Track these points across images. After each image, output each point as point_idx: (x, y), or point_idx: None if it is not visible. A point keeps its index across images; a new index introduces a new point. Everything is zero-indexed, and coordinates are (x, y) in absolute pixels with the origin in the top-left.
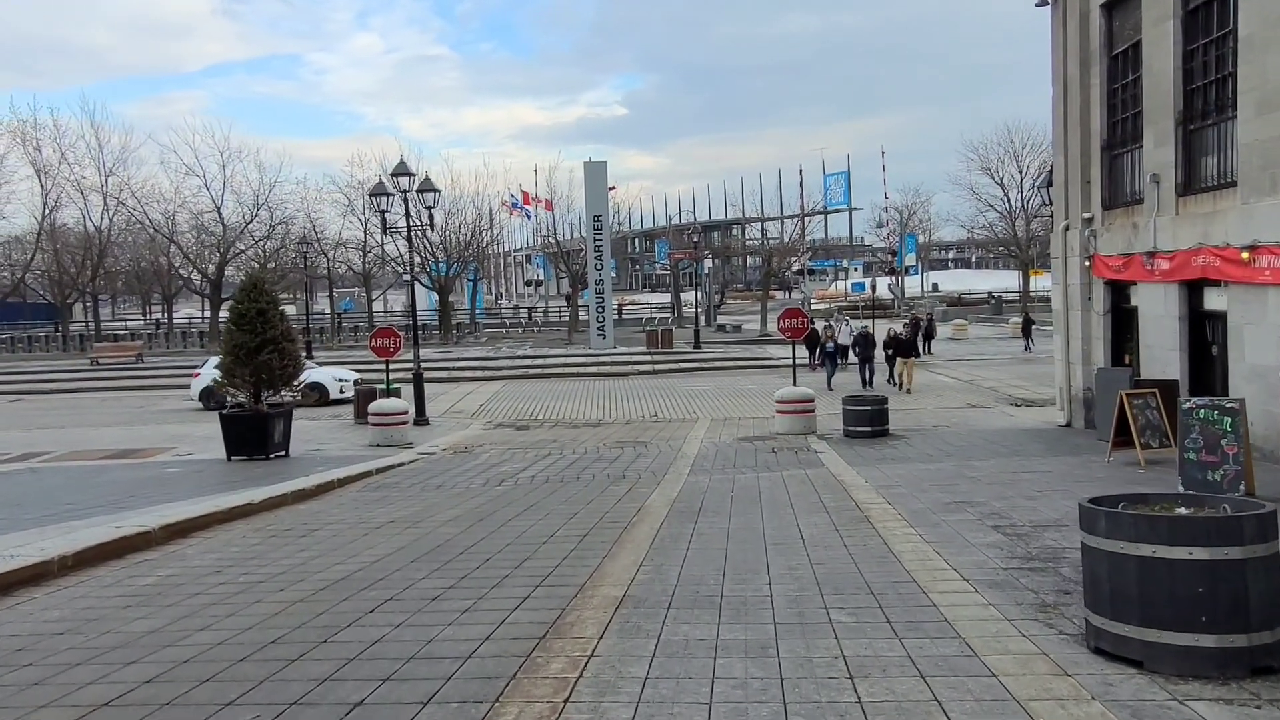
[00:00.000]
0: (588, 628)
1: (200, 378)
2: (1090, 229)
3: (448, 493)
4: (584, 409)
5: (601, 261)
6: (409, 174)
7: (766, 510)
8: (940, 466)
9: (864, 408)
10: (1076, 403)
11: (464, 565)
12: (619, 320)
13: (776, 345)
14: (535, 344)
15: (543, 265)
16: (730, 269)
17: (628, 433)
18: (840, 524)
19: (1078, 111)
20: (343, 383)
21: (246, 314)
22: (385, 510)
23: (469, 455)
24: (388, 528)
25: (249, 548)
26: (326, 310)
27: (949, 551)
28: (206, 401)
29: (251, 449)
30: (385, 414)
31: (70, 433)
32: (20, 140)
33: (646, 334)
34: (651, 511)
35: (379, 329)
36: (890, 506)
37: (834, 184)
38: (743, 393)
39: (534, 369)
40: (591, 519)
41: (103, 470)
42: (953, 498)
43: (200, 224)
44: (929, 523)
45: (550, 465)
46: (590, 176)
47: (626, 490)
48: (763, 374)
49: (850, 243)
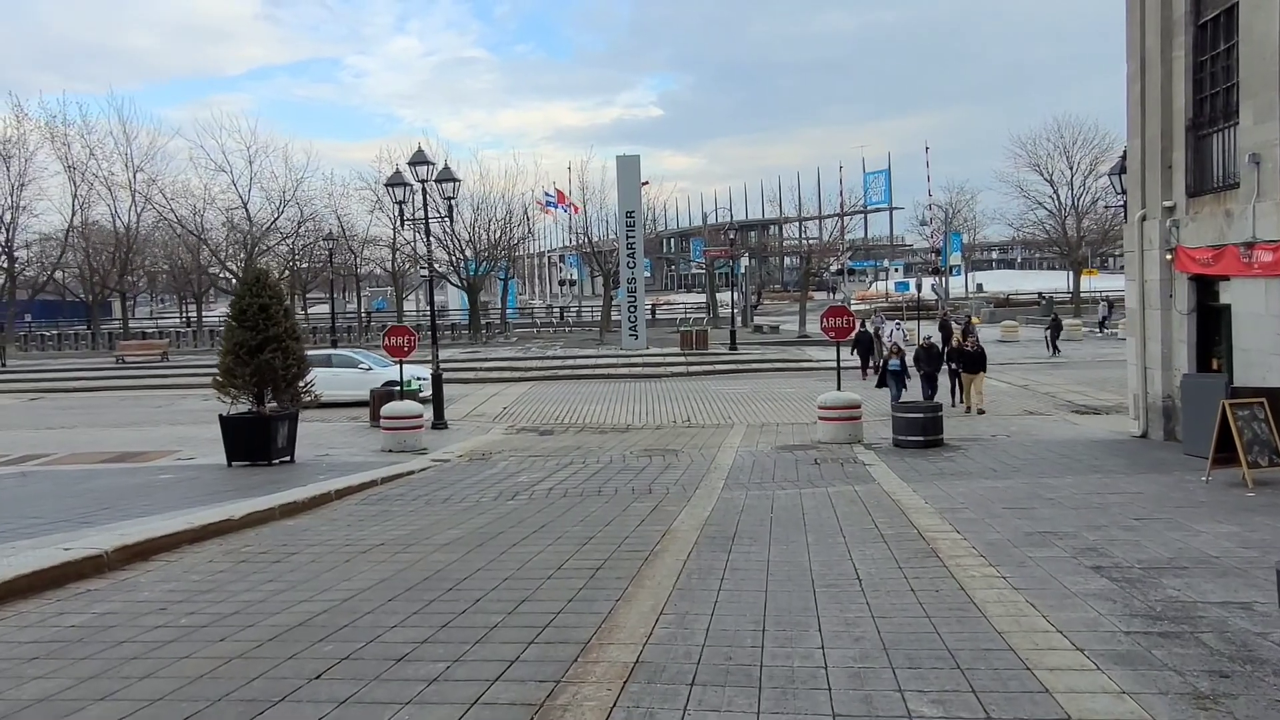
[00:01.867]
0: (585, 715)
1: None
2: (1172, 219)
3: (453, 508)
4: (612, 413)
5: (634, 259)
6: (427, 163)
7: (812, 537)
8: (1009, 484)
9: (915, 415)
10: (1154, 412)
11: (449, 607)
12: (653, 320)
13: (817, 347)
14: (566, 344)
15: (576, 264)
16: (767, 269)
17: (657, 439)
18: (903, 558)
19: (1157, 88)
20: (421, 381)
21: (248, 310)
22: (379, 529)
23: (485, 463)
24: (376, 552)
25: (210, 576)
26: (360, 309)
27: (1047, 604)
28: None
29: (254, 454)
30: (398, 417)
31: (79, 433)
32: (49, 136)
33: (680, 334)
34: (678, 537)
35: (393, 327)
36: (960, 536)
37: (874, 182)
38: (781, 397)
39: (563, 370)
40: (608, 545)
41: (93, 476)
42: (1033, 525)
43: (230, 221)
44: (1012, 560)
45: (570, 476)
46: (623, 171)
47: (652, 508)
48: (802, 377)
49: (891, 242)
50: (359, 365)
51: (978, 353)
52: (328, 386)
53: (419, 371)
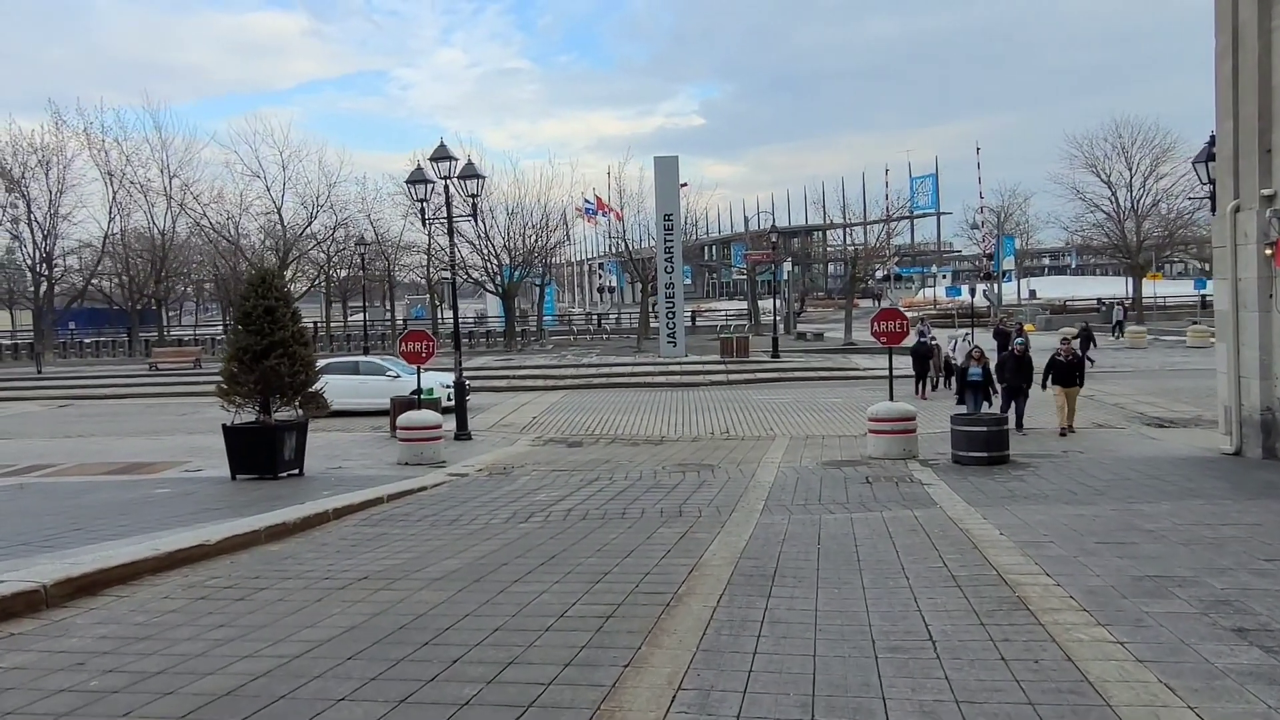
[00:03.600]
0: None
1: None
2: (1272, 209)
3: (459, 531)
4: (646, 423)
5: (672, 264)
6: (449, 158)
7: (868, 577)
8: (1095, 511)
9: (978, 428)
10: (1250, 426)
11: (416, 671)
12: (693, 328)
13: (864, 355)
14: (602, 352)
15: (616, 271)
16: (811, 276)
17: (693, 453)
18: (984, 610)
19: (1254, 64)
20: (448, 389)
21: (252, 312)
22: (370, 556)
23: (505, 478)
24: (355, 588)
25: (157, 618)
26: (397, 316)
27: (1189, 686)
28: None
29: (259, 467)
30: (415, 428)
31: (95, 442)
32: (86, 142)
33: (720, 341)
34: (708, 573)
35: (410, 331)
36: (1051, 580)
37: (921, 187)
38: (826, 407)
39: (598, 378)
40: (625, 584)
41: (90, 489)
42: (1140, 567)
43: (264, 227)
44: (1125, 617)
45: (594, 495)
46: (661, 172)
47: (680, 535)
48: (848, 386)
49: (938, 248)
50: (386, 373)
51: (1070, 362)
52: (354, 395)
53: (445, 378)
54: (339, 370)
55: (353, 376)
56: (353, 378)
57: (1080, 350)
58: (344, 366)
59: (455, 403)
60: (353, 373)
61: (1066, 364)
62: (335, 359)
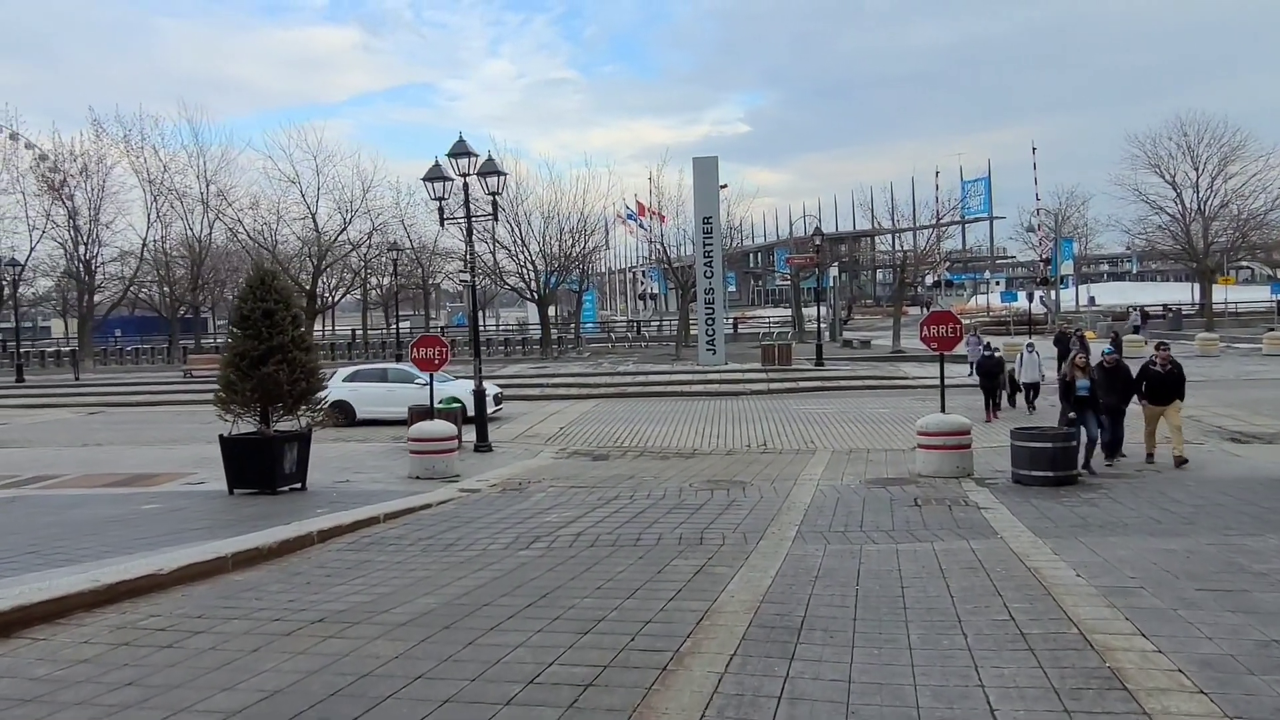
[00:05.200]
0: None
1: (328, 392)
2: None
3: (451, 559)
4: (679, 435)
5: (712, 268)
6: (469, 154)
7: (917, 632)
8: (1188, 546)
9: (1042, 444)
10: None
11: None
12: (734, 335)
13: (913, 363)
14: (640, 359)
15: (658, 278)
16: (858, 283)
17: (725, 467)
18: (1067, 689)
19: None
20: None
21: (250, 315)
22: (339, 591)
23: (518, 495)
24: (304, 635)
25: (57, 672)
26: (439, 323)
27: None
28: (335, 418)
29: (257, 480)
30: (427, 439)
31: (108, 451)
32: (126, 149)
33: (762, 349)
34: (721, 623)
35: (422, 336)
36: (1150, 645)
37: (972, 191)
38: (872, 418)
39: (633, 387)
40: (619, 635)
41: (81, 503)
42: (1263, 626)
43: (300, 234)
44: (1261, 706)
45: (609, 516)
46: (699, 174)
47: (696, 569)
48: (896, 396)
49: (991, 254)
50: (415, 380)
51: (1168, 373)
52: (382, 403)
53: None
54: (366, 378)
55: (380, 384)
56: (380, 385)
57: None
58: (372, 374)
59: (475, 412)
60: (380, 380)
61: (1164, 375)
62: (363, 366)
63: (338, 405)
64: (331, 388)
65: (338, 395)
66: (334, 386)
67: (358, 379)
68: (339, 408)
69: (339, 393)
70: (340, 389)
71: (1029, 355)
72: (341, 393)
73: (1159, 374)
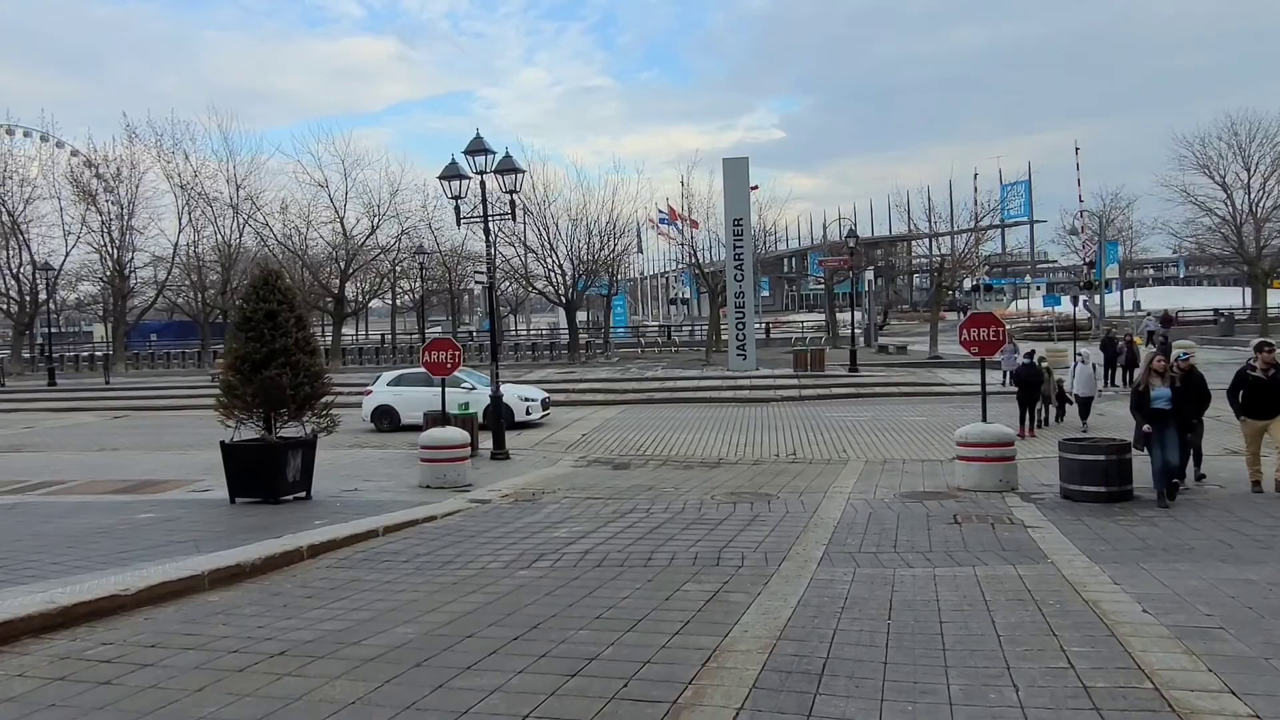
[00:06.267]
0: None
1: (372, 395)
2: None
3: (446, 579)
4: (705, 443)
5: (742, 271)
6: (487, 151)
7: (958, 682)
8: (1270, 575)
9: (1094, 457)
10: None
11: None
12: (766, 341)
13: (951, 369)
14: (669, 365)
15: (689, 283)
16: (895, 288)
17: (751, 478)
18: None
19: None
20: (529, 402)
21: (253, 317)
22: (314, 616)
23: (530, 507)
24: (257, 672)
25: None
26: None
27: None
28: (380, 423)
29: (259, 489)
30: (437, 447)
31: (122, 456)
32: (159, 155)
33: (794, 354)
34: (729, 666)
35: (433, 340)
36: (1246, 709)
37: (1012, 194)
38: (908, 426)
39: (660, 393)
40: (611, 679)
41: (76, 512)
42: None
43: (328, 239)
44: None
45: (622, 532)
46: (729, 175)
47: (709, 596)
48: (933, 403)
49: (1031, 258)
50: (462, 384)
51: (1274, 379)
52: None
53: (526, 392)
54: (411, 381)
55: (426, 388)
56: (426, 389)
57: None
58: (417, 378)
59: (493, 419)
60: (426, 384)
61: (1267, 382)
62: (408, 370)
63: (381, 410)
64: (375, 392)
65: (381, 400)
66: (377, 391)
67: (402, 383)
68: (383, 413)
69: (382, 397)
70: (384, 393)
71: (1083, 366)
72: (385, 397)
73: (1262, 380)
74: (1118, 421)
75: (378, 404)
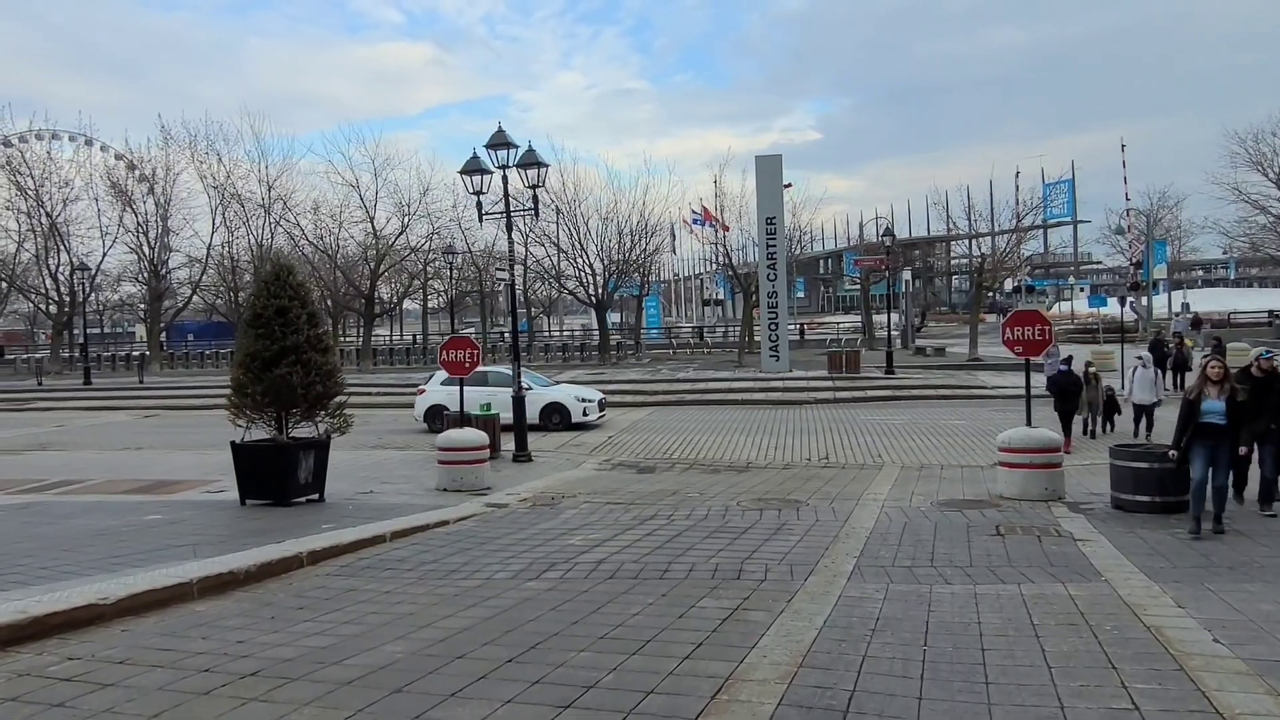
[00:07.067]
0: None
1: (426, 395)
2: None
3: (448, 590)
4: (734, 446)
5: (775, 270)
6: (509, 145)
7: None
8: None
9: (1147, 464)
10: None
11: None
12: (801, 342)
13: (992, 371)
14: (701, 366)
15: (723, 284)
16: (934, 290)
17: (780, 484)
18: None
19: None
20: (586, 403)
21: (263, 313)
22: (301, 630)
23: (548, 512)
24: (223, 696)
25: None
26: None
27: None
28: (433, 422)
29: (269, 491)
30: (455, 449)
31: (143, 455)
32: (192, 155)
33: (829, 356)
34: (744, 697)
35: (451, 338)
36: None
37: (1055, 194)
38: (946, 430)
39: (691, 394)
40: (610, 709)
41: (86, 512)
42: None
43: (359, 239)
44: None
45: (641, 539)
46: (762, 173)
47: (727, 614)
48: (973, 406)
49: (1075, 258)
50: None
51: None
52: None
53: (583, 393)
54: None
55: (480, 388)
56: (480, 390)
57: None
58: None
59: (514, 420)
60: (481, 384)
61: None
62: None
63: (435, 409)
64: (429, 391)
65: (435, 399)
66: (431, 390)
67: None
68: (436, 412)
69: (436, 396)
70: (437, 392)
71: (1143, 371)
72: (439, 396)
73: None
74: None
75: (431, 403)
